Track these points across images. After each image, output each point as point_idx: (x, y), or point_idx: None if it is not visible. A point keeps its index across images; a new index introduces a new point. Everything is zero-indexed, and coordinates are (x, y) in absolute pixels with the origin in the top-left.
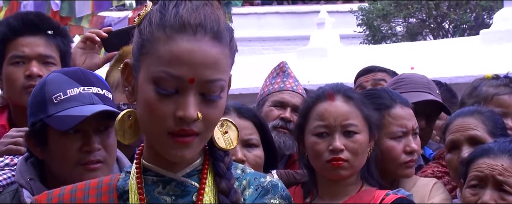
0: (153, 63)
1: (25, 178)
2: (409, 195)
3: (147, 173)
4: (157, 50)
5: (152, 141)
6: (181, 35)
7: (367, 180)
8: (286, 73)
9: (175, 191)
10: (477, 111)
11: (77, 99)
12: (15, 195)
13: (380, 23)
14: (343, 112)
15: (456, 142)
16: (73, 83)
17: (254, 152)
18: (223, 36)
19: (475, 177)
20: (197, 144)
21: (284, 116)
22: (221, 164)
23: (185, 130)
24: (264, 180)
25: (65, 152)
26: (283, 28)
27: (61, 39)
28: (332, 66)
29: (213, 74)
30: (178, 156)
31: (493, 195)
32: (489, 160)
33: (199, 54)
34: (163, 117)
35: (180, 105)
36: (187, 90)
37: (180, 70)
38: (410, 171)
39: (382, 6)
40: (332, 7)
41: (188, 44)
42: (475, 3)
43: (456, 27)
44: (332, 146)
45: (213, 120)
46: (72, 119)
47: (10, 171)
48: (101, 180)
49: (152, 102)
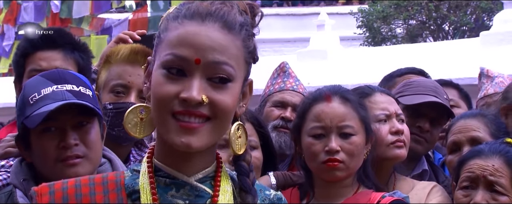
0: (163, 49)
1: (19, 179)
2: (405, 197)
3: (158, 173)
4: (167, 37)
5: (159, 128)
6: (190, 21)
7: (364, 182)
8: (286, 73)
9: (189, 196)
10: (480, 114)
11: (50, 97)
12: (10, 196)
13: (380, 25)
14: (340, 114)
15: (457, 143)
16: (47, 83)
17: (253, 154)
18: (234, 28)
19: (467, 178)
20: (205, 133)
21: (285, 116)
22: (247, 179)
23: (190, 111)
24: (269, 193)
25: (44, 150)
26: (283, 30)
27: (80, 54)
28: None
29: (219, 56)
30: (184, 144)
31: (484, 195)
32: (480, 161)
33: (205, 37)
34: (168, 98)
35: (185, 87)
36: (194, 72)
37: (186, 51)
38: (399, 151)
39: (382, 8)
40: (332, 9)
41: (195, 28)
42: (475, 5)
43: (456, 29)
44: (328, 147)
45: (222, 106)
46: (39, 116)
47: (5, 173)
48: (106, 176)
49: (160, 84)
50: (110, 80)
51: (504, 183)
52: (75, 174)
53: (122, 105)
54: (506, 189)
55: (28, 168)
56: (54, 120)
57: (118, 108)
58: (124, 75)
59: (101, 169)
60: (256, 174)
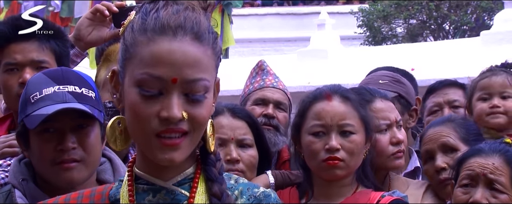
0: (136, 66)
1: (18, 179)
2: (404, 196)
3: (138, 181)
4: (139, 53)
5: (141, 145)
6: (161, 37)
7: (363, 181)
8: (265, 71)
9: (165, 200)
10: (448, 119)
11: (50, 98)
12: (8, 196)
13: (381, 24)
14: (340, 112)
15: (430, 151)
16: (49, 83)
17: (248, 152)
18: (205, 37)
19: (467, 176)
20: (186, 146)
21: (267, 113)
22: (213, 168)
23: (172, 129)
24: (257, 190)
25: (41, 151)
26: (284, 29)
27: (56, 42)
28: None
29: (195, 74)
30: (167, 160)
31: (484, 193)
32: (481, 159)
33: (179, 54)
34: (148, 118)
35: (164, 106)
36: (171, 90)
37: (162, 70)
38: (399, 162)
39: (383, 7)
40: (333, 8)
41: (168, 45)
42: (475, 4)
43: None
44: (328, 145)
45: (200, 119)
46: (38, 117)
47: (3, 172)
48: (94, 190)
49: (137, 104)
50: None
51: (504, 182)
52: (70, 178)
53: None
54: (505, 187)
55: (27, 167)
56: (53, 121)
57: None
58: None
59: (100, 169)
60: (252, 173)
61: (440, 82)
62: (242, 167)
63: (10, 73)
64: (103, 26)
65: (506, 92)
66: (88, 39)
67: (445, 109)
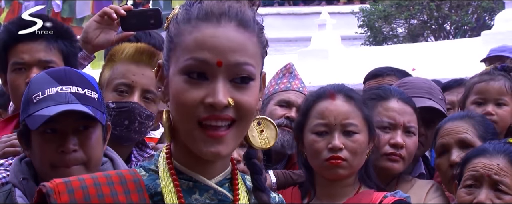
0: (181, 54)
1: (18, 178)
2: (407, 197)
3: (179, 176)
4: (183, 41)
5: (185, 137)
6: (205, 23)
7: (365, 181)
8: (292, 74)
9: (212, 199)
10: (467, 116)
11: (53, 98)
12: (9, 195)
13: (382, 24)
14: (344, 111)
15: (445, 145)
16: (52, 83)
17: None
18: (250, 25)
19: (471, 176)
20: (231, 138)
21: (290, 115)
22: (261, 177)
23: (217, 115)
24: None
25: (42, 152)
26: (284, 29)
27: (63, 41)
28: (334, 67)
29: (240, 57)
30: (212, 153)
31: (488, 194)
32: (485, 160)
33: (224, 38)
34: (192, 105)
35: (209, 91)
36: (216, 75)
37: (207, 54)
38: (392, 164)
39: (384, 7)
40: (333, 8)
41: (213, 30)
42: (476, 4)
43: (457, 29)
44: (332, 145)
45: (247, 106)
46: (40, 118)
47: (4, 171)
48: (122, 175)
49: (182, 91)
50: (114, 78)
51: (509, 183)
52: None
53: (125, 104)
54: (510, 188)
55: (28, 166)
56: (55, 122)
57: (121, 108)
58: (128, 74)
59: (102, 168)
60: None
61: (455, 81)
62: (244, 167)
63: (17, 72)
64: (110, 29)
65: (502, 99)
66: (95, 42)
67: (457, 108)
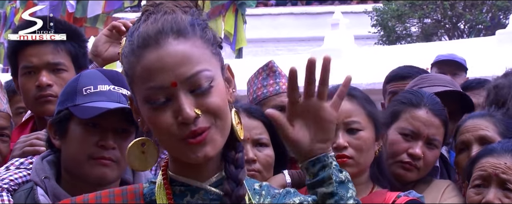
0: (138, 87)
1: (40, 177)
2: (420, 197)
3: (173, 183)
4: (135, 73)
5: (172, 152)
6: (147, 50)
7: (379, 181)
8: (276, 73)
9: (204, 200)
10: (488, 114)
11: (105, 94)
12: (30, 193)
13: (395, 23)
14: (346, 110)
15: (466, 142)
16: (105, 80)
17: (265, 151)
18: (188, 31)
19: (479, 176)
20: (213, 137)
21: None
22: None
23: (195, 131)
24: (278, 191)
25: (82, 143)
26: (297, 29)
27: (72, 43)
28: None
29: (190, 69)
30: (201, 157)
31: (497, 193)
32: (493, 159)
33: (167, 58)
34: (168, 128)
35: (175, 110)
36: (176, 94)
37: (159, 79)
38: (405, 173)
39: (397, 6)
40: (347, 7)
41: (155, 54)
42: (490, 3)
43: (471, 28)
44: (336, 144)
45: (214, 107)
46: (95, 110)
47: (25, 170)
48: (125, 188)
49: (153, 118)
50: None
51: None
52: (103, 175)
53: None
54: None
55: (49, 165)
56: (100, 117)
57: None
58: None
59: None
60: (268, 172)
61: (478, 82)
62: (259, 167)
63: (27, 76)
64: (119, 42)
65: None
66: (105, 55)
67: (478, 108)
